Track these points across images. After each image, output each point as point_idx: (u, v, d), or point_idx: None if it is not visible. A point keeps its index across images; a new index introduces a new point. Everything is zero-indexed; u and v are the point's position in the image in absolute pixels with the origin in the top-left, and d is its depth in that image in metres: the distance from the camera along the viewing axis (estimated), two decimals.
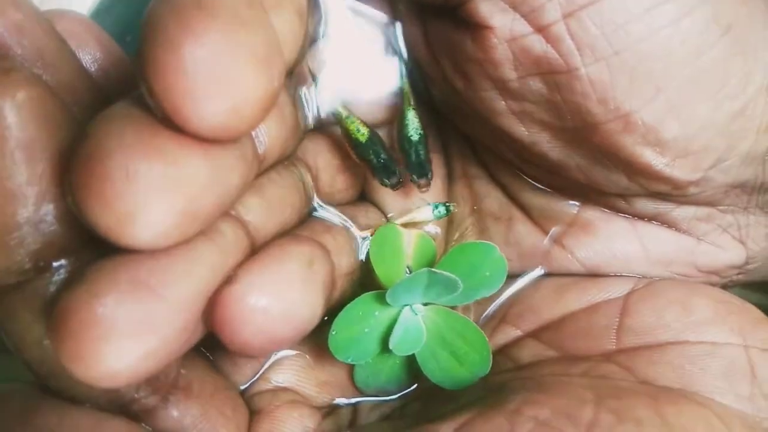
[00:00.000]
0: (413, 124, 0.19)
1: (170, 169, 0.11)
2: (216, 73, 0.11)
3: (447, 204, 0.20)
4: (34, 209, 0.12)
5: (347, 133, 0.18)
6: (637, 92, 0.15)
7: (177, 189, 0.11)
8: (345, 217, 0.19)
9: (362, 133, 0.18)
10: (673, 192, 0.17)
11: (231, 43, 0.11)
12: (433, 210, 0.19)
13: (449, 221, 0.21)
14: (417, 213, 0.19)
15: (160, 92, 0.11)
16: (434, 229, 0.20)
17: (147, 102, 0.11)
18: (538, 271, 0.20)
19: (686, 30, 0.15)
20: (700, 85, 0.16)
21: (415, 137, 0.18)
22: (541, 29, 0.15)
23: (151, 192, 0.11)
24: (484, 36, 0.15)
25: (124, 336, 0.11)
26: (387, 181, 0.18)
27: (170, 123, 0.11)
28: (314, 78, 0.18)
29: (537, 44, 0.15)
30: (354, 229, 0.19)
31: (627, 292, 0.18)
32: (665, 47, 0.15)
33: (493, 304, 0.20)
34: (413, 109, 0.19)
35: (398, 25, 0.19)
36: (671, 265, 0.19)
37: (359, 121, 0.18)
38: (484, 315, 0.20)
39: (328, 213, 0.18)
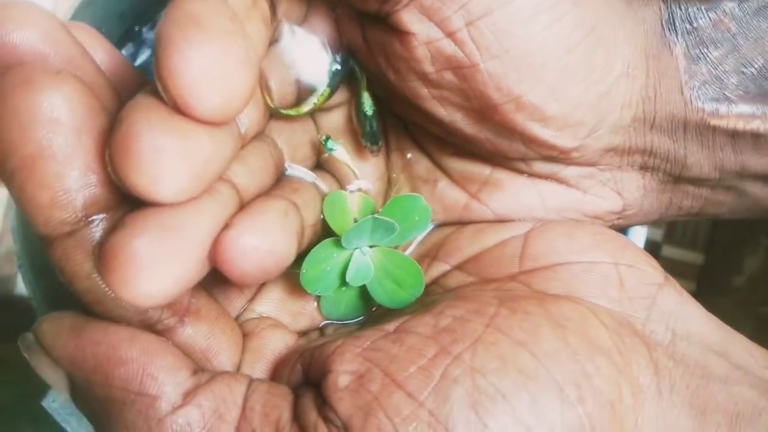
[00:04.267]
0: (368, 102, 0.23)
1: (184, 143, 0.15)
2: (213, 73, 0.15)
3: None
4: (82, 175, 0.16)
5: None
6: (524, 80, 0.19)
7: (190, 158, 0.15)
8: (313, 175, 0.23)
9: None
10: (560, 156, 0.22)
11: (222, 51, 0.15)
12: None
13: (387, 184, 0.25)
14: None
15: (172, 89, 0.15)
16: (367, 185, 0.25)
17: (161, 95, 0.15)
18: (432, 225, 0.25)
19: (557, 32, 0.19)
20: (572, 74, 0.20)
21: (369, 112, 0.23)
22: (449, 34, 0.19)
23: (172, 161, 0.15)
24: (408, 39, 0.19)
25: (156, 266, 0.15)
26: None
27: (180, 111, 0.15)
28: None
29: (447, 46, 0.19)
30: (320, 186, 0.23)
31: (528, 230, 0.22)
32: (542, 46, 0.19)
33: (416, 242, 0.25)
34: (365, 90, 0.23)
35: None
36: (563, 212, 0.24)
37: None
38: (417, 253, 0.24)
39: (298, 172, 0.23)
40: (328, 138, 0.23)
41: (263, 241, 0.17)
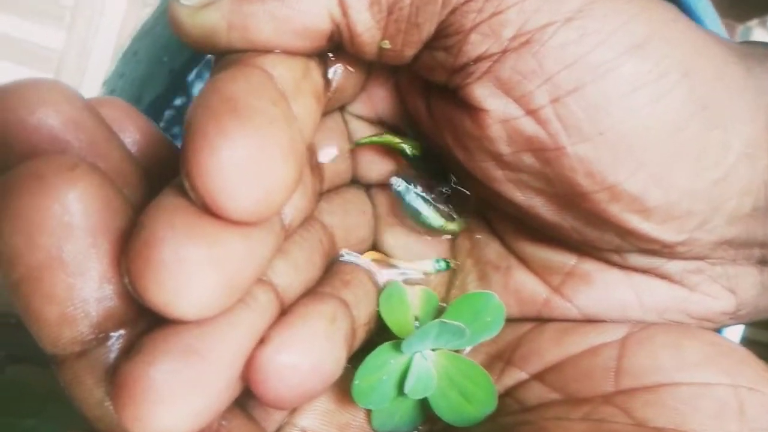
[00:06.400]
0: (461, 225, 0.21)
1: (213, 251, 0.13)
2: (249, 169, 0.13)
3: (447, 260, 0.21)
4: (97, 286, 0.14)
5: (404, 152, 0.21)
6: (620, 167, 0.16)
7: (219, 267, 0.13)
8: (369, 262, 0.20)
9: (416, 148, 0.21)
10: (662, 250, 0.19)
11: (261, 142, 0.13)
12: (435, 263, 0.21)
13: (452, 271, 0.22)
14: (419, 264, 0.21)
15: (201, 189, 0.13)
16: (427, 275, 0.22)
17: (188, 193, 0.13)
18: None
19: (664, 110, 0.16)
20: (680, 158, 0.17)
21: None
22: (531, 112, 0.16)
23: (197, 272, 0.13)
24: (480, 116, 0.17)
25: (177, 398, 0.13)
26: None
27: (210, 212, 0.13)
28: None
29: (528, 125, 0.16)
30: (376, 275, 0.20)
31: (623, 336, 0.19)
32: (645, 126, 0.16)
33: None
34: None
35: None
36: (665, 313, 0.20)
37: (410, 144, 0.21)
38: (488, 353, 0.21)
39: (353, 258, 0.20)
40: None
41: (304, 358, 0.15)
